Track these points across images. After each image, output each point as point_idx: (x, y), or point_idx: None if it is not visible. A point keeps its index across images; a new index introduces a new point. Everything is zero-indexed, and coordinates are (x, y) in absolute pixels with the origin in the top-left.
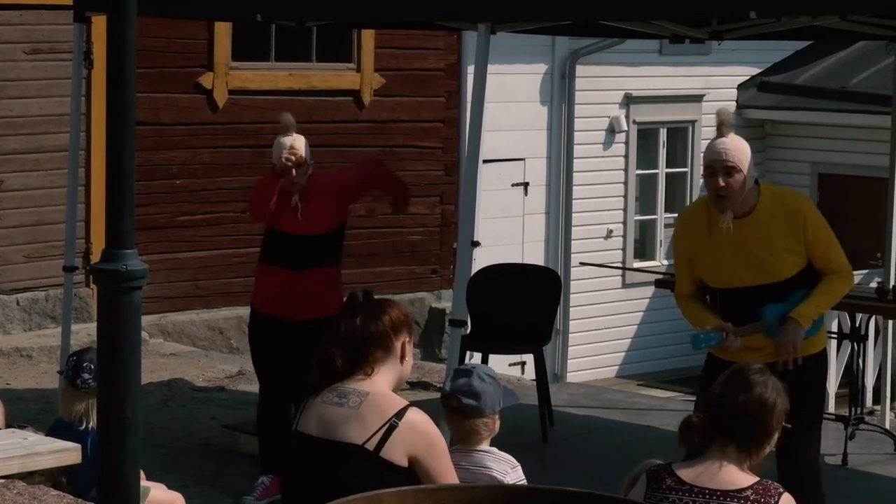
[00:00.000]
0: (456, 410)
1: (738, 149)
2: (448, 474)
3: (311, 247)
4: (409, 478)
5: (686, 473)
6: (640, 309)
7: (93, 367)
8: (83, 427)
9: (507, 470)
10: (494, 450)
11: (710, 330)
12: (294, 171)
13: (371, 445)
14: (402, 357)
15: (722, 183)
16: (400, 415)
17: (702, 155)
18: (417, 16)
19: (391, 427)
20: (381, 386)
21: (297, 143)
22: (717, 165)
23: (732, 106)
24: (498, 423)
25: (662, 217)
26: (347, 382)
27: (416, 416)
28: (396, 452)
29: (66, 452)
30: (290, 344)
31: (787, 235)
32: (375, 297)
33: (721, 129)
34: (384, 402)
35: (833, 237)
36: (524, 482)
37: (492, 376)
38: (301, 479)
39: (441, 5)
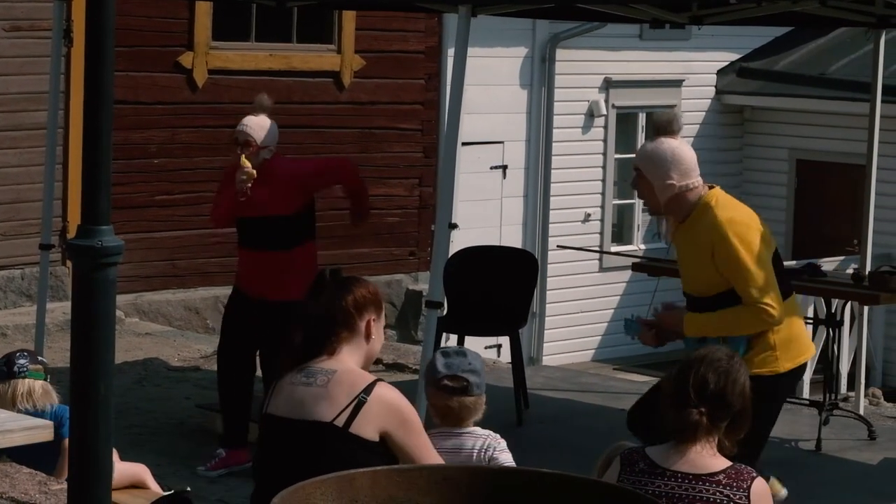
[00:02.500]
0: (458, 391)
1: (646, 154)
2: (423, 449)
3: (267, 229)
4: (382, 453)
5: (659, 457)
6: (617, 293)
7: (26, 353)
8: (40, 411)
9: (494, 445)
10: (476, 428)
11: (637, 322)
12: (239, 148)
13: (340, 422)
14: (368, 336)
15: (633, 185)
16: (368, 390)
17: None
18: None
19: (360, 402)
20: (348, 364)
21: (251, 122)
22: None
23: (711, 92)
24: None
25: (640, 202)
26: (314, 362)
27: (385, 391)
28: (367, 428)
29: (38, 430)
30: (259, 323)
31: (700, 253)
32: (344, 275)
33: (664, 128)
34: (352, 378)
35: (748, 268)
36: (510, 453)
37: (478, 356)
38: (272, 459)
39: None
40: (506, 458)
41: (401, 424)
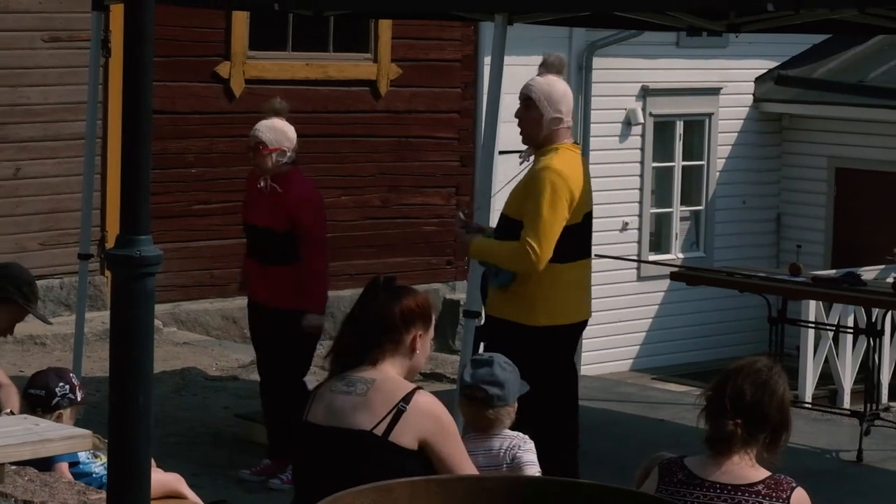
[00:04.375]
0: (480, 401)
1: (543, 88)
2: (460, 458)
3: (273, 241)
4: (420, 462)
5: (698, 468)
6: (655, 302)
7: (70, 377)
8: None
9: (520, 444)
10: (507, 430)
11: (458, 220)
12: (250, 152)
13: (379, 431)
14: (413, 350)
15: (518, 115)
16: (408, 398)
17: (719, 148)
18: (435, 6)
19: (399, 411)
20: (388, 373)
21: (260, 125)
22: (519, 97)
23: (749, 100)
24: (516, 410)
25: (678, 210)
26: (355, 372)
27: (425, 399)
28: (405, 436)
29: (78, 439)
30: (269, 332)
31: (519, 188)
32: (397, 284)
33: (540, 70)
34: (391, 386)
35: (539, 211)
36: (535, 454)
37: (511, 364)
38: (311, 468)
39: None
40: (528, 459)
41: (439, 432)
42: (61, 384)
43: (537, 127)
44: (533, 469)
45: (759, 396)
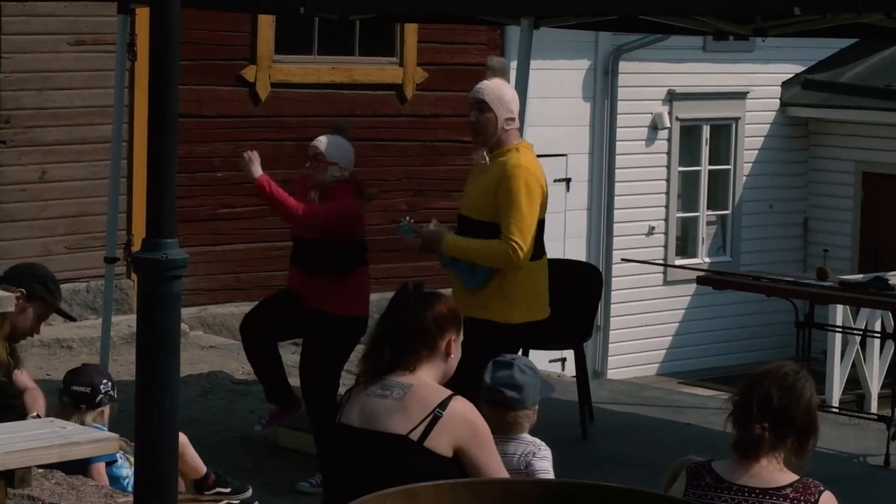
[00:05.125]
0: (499, 403)
1: (496, 91)
2: (494, 465)
3: (314, 252)
4: (454, 468)
5: (725, 471)
6: (682, 306)
7: (104, 378)
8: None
9: (535, 451)
10: (525, 436)
11: (408, 222)
12: (308, 162)
13: (415, 436)
14: (448, 355)
15: (472, 118)
16: (444, 404)
17: (746, 152)
18: (461, 10)
19: (435, 417)
20: (424, 379)
21: (321, 138)
22: (472, 102)
23: (776, 104)
24: (536, 413)
25: (705, 214)
26: (391, 376)
27: (461, 405)
28: (441, 443)
29: (105, 443)
30: (293, 317)
31: (489, 186)
32: (426, 290)
33: (486, 74)
34: (428, 392)
35: (519, 208)
36: (550, 462)
37: (532, 367)
38: (344, 470)
39: (484, 0)
40: (542, 467)
41: (473, 439)
42: (104, 381)
43: (493, 128)
44: (546, 476)
45: (787, 400)
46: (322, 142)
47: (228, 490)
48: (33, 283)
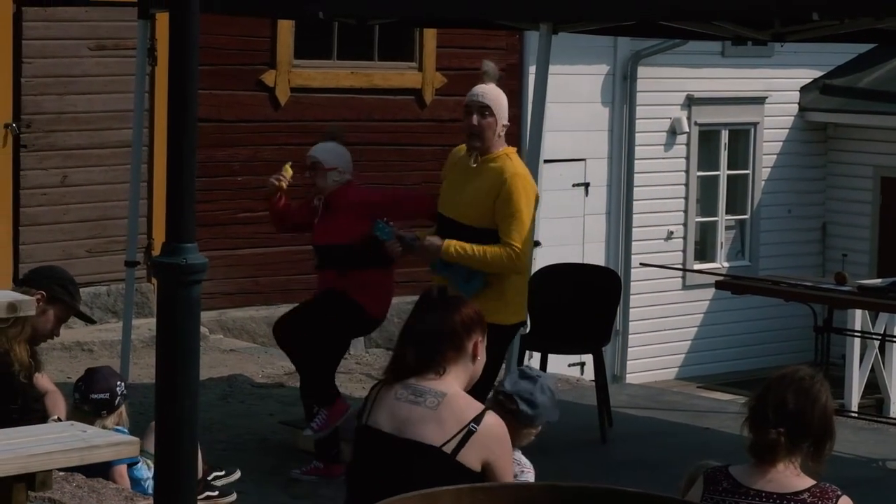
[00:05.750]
0: (510, 413)
1: (496, 97)
2: (509, 474)
3: (334, 255)
4: (479, 482)
5: (743, 476)
6: (700, 311)
7: (118, 379)
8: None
9: (518, 473)
10: (516, 453)
11: (391, 227)
12: (307, 172)
13: (449, 448)
14: (475, 357)
15: (475, 122)
16: (478, 419)
17: (764, 157)
18: (479, 15)
19: (469, 432)
20: (455, 387)
21: (317, 146)
22: (474, 106)
23: (794, 109)
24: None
25: (724, 219)
26: (421, 381)
27: (494, 421)
28: (472, 457)
29: (124, 446)
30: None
31: (485, 192)
32: (450, 294)
33: (483, 78)
34: (463, 404)
35: (523, 220)
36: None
37: (551, 390)
38: (370, 473)
39: (503, 5)
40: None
41: (502, 455)
42: (119, 383)
43: (492, 133)
44: None
45: (802, 405)
46: (317, 150)
47: (220, 477)
48: (53, 286)
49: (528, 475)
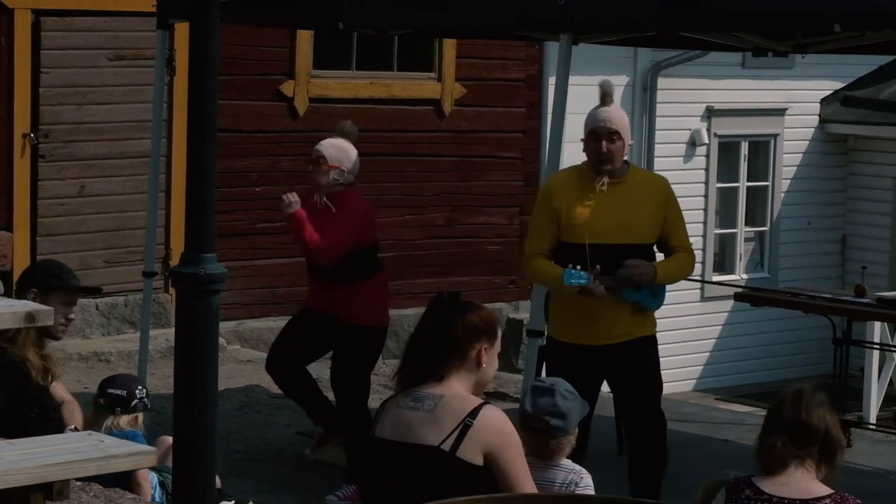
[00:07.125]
0: (541, 431)
1: (621, 119)
2: (522, 475)
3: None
4: (486, 476)
5: (765, 485)
6: (719, 323)
7: (140, 385)
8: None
9: (577, 480)
10: (567, 462)
11: (582, 271)
12: (310, 165)
13: (447, 446)
14: (479, 364)
15: (605, 149)
16: (474, 413)
17: (784, 169)
18: (499, 26)
19: (466, 426)
20: (455, 389)
21: (325, 142)
22: (602, 132)
23: (815, 120)
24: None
25: (743, 231)
26: (422, 388)
27: (491, 413)
28: (472, 451)
29: (142, 456)
30: (316, 338)
31: (651, 205)
32: (461, 300)
33: (604, 100)
34: (459, 402)
35: (684, 222)
36: (592, 490)
37: (571, 391)
38: (379, 482)
39: (523, 16)
40: None
41: (503, 446)
42: (139, 387)
43: (621, 156)
44: None
45: (795, 413)
46: (325, 145)
47: None
48: (42, 279)
49: (588, 481)
